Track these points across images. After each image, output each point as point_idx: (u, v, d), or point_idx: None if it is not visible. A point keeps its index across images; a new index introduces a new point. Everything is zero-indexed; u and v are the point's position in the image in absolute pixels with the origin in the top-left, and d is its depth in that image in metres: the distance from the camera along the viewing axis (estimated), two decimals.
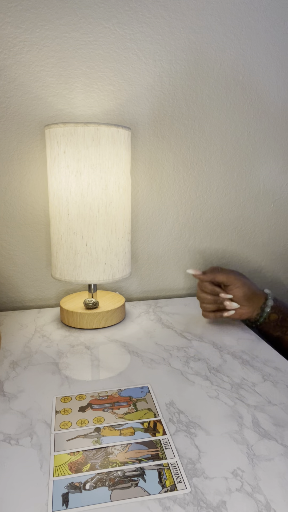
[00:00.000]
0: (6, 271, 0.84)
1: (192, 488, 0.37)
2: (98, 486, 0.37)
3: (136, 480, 0.37)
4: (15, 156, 0.78)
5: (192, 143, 0.87)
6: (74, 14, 0.74)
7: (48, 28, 0.74)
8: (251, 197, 0.93)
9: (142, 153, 0.85)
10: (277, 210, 0.96)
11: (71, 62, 0.77)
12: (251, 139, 0.90)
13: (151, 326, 0.75)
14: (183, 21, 0.79)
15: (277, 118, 0.90)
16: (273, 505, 0.35)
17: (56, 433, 0.44)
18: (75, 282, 0.70)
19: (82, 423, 0.46)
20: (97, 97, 0.79)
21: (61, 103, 0.78)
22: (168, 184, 0.88)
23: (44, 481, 0.38)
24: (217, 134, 0.87)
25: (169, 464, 0.39)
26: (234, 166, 0.90)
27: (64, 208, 0.67)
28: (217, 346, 0.66)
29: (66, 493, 0.36)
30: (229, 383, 0.55)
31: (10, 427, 0.45)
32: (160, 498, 0.36)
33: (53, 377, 0.56)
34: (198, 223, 0.92)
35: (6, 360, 0.61)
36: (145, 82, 0.81)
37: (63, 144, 0.65)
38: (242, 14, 0.82)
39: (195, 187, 0.89)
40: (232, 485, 0.37)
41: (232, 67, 0.84)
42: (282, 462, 0.40)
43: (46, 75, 0.76)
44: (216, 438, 0.43)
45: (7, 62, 0.74)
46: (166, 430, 0.45)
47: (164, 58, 0.80)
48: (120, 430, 0.45)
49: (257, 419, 0.47)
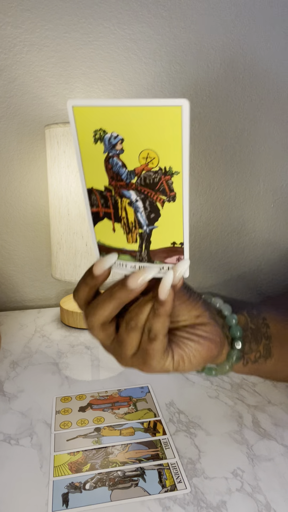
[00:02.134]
0: (6, 271, 0.84)
1: (192, 488, 0.37)
2: (98, 486, 0.37)
3: (136, 480, 0.37)
4: (15, 156, 0.78)
5: (192, 143, 0.86)
6: (74, 14, 0.74)
7: (48, 28, 0.74)
8: (251, 197, 0.93)
9: None
10: (277, 210, 0.96)
11: (71, 62, 0.77)
12: (251, 139, 0.90)
13: None
14: (183, 21, 0.79)
15: (277, 118, 0.90)
16: (273, 505, 0.35)
17: (56, 433, 0.44)
18: (75, 282, 0.70)
19: (82, 423, 0.46)
20: (97, 97, 0.79)
21: (61, 103, 0.78)
22: None
23: (44, 481, 0.38)
24: (217, 134, 0.87)
25: (169, 464, 0.39)
26: (234, 166, 0.90)
27: (64, 208, 0.67)
28: None
29: (66, 493, 0.36)
30: (229, 383, 0.55)
31: (10, 427, 0.45)
32: (160, 498, 0.36)
33: (53, 377, 0.56)
34: (198, 223, 0.92)
35: (6, 360, 0.61)
36: (145, 82, 0.81)
37: (63, 144, 0.65)
38: (242, 14, 0.82)
39: (195, 187, 0.89)
40: (232, 485, 0.37)
41: (232, 67, 0.84)
42: (282, 462, 0.40)
43: (46, 75, 0.76)
44: (216, 438, 0.43)
45: (7, 62, 0.74)
46: (166, 430, 0.45)
47: (164, 58, 0.80)
48: (120, 430, 0.45)
49: (257, 419, 0.47)
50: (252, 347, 0.39)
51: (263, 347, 0.39)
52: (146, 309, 0.30)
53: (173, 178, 0.25)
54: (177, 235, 0.27)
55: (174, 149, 0.24)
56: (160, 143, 0.24)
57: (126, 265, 0.30)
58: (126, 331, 0.31)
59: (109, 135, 0.26)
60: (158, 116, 0.23)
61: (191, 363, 0.33)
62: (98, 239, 0.31)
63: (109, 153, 0.26)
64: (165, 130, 0.24)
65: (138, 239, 0.29)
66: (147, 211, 0.27)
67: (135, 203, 0.27)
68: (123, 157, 0.26)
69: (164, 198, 0.26)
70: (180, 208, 0.26)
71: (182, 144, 0.24)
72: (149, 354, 0.31)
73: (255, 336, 0.39)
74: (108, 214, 0.29)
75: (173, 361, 0.32)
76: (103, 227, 0.30)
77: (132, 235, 0.29)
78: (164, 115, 0.23)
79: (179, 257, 0.28)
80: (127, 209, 0.28)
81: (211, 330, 0.34)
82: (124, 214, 0.28)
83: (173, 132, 0.23)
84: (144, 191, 0.27)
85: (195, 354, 0.33)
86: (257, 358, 0.39)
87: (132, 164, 0.26)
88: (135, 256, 0.29)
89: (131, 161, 0.26)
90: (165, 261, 0.29)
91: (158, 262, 0.29)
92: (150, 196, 0.27)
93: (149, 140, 0.24)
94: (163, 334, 0.30)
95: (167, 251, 0.28)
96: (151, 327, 0.30)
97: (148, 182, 0.26)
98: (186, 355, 0.32)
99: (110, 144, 0.26)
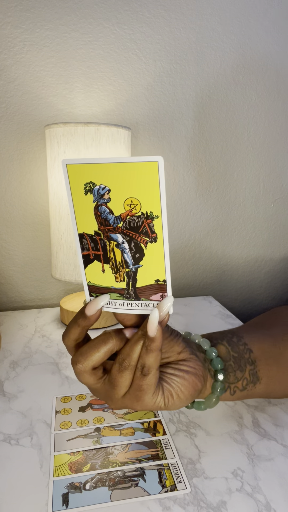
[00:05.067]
0: (6, 271, 0.84)
1: (192, 488, 0.37)
2: (98, 486, 0.37)
3: (136, 480, 0.37)
4: (15, 156, 0.78)
5: (192, 143, 0.87)
6: (74, 14, 0.74)
7: (48, 28, 0.74)
8: (251, 197, 0.93)
9: (142, 153, 0.84)
10: (277, 210, 0.96)
11: (71, 62, 0.77)
12: (251, 139, 0.90)
13: None
14: (183, 21, 0.79)
15: (277, 118, 0.90)
16: (273, 505, 0.35)
17: (56, 433, 0.44)
18: (75, 282, 0.70)
19: (82, 423, 0.46)
20: (97, 97, 0.79)
21: (61, 103, 0.78)
22: (168, 184, 0.88)
23: (44, 481, 0.38)
24: (217, 134, 0.87)
25: (169, 464, 0.39)
26: (235, 166, 0.90)
27: (64, 208, 0.67)
28: None
29: (66, 493, 0.36)
30: None
31: (10, 427, 0.45)
32: (160, 498, 0.36)
33: (53, 377, 0.56)
34: (198, 223, 0.92)
35: (6, 360, 0.61)
36: (145, 82, 0.81)
37: (63, 144, 0.65)
38: (242, 14, 0.82)
39: (195, 187, 0.89)
40: (232, 485, 0.37)
41: (232, 67, 0.84)
42: (282, 462, 0.40)
43: (46, 75, 0.76)
44: (216, 438, 0.43)
45: (7, 62, 0.74)
46: (166, 430, 0.45)
47: (164, 58, 0.80)
48: (120, 430, 0.45)
49: (257, 419, 0.47)
50: (237, 376, 0.40)
51: (248, 373, 0.40)
52: (137, 347, 0.32)
53: (154, 221, 0.29)
54: (160, 273, 0.30)
55: (153, 196, 0.28)
56: (141, 192, 0.28)
57: (115, 303, 0.33)
58: (119, 371, 0.32)
59: (97, 187, 0.29)
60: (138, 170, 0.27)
61: (180, 399, 0.34)
62: (89, 280, 0.33)
63: (98, 202, 0.30)
64: (145, 181, 0.28)
65: (125, 277, 0.32)
66: (133, 252, 0.31)
67: (122, 244, 0.31)
68: (110, 205, 0.30)
69: (147, 239, 0.30)
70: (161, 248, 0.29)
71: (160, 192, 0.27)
72: (143, 389, 0.32)
73: (238, 364, 0.40)
74: (98, 256, 0.32)
75: (163, 397, 0.34)
76: (93, 268, 0.33)
77: (120, 274, 0.32)
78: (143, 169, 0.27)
79: (163, 294, 0.31)
80: (115, 250, 0.31)
81: (193, 365, 0.36)
82: (112, 255, 0.32)
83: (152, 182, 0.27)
84: (129, 233, 0.30)
85: (182, 389, 0.34)
86: (245, 385, 0.40)
87: (118, 211, 0.30)
88: (123, 294, 0.32)
89: (117, 208, 0.30)
90: (150, 299, 0.32)
91: (144, 299, 0.32)
92: (134, 238, 0.30)
93: (132, 189, 0.28)
94: (156, 368, 0.32)
95: (152, 288, 0.31)
96: (144, 363, 0.31)
97: (133, 225, 0.30)
98: (174, 391, 0.34)
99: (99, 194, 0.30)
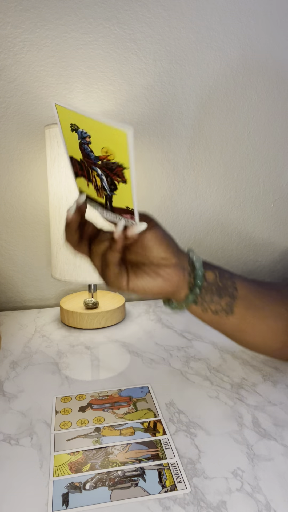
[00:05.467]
0: (6, 271, 0.84)
1: (192, 488, 0.37)
2: (98, 486, 0.37)
3: (136, 480, 0.37)
4: (15, 156, 0.78)
5: (192, 143, 0.87)
6: (74, 14, 0.74)
7: (48, 28, 0.74)
8: (251, 197, 0.93)
9: (142, 153, 0.84)
10: (277, 210, 0.96)
11: (71, 62, 0.77)
12: (251, 139, 0.90)
13: (151, 326, 0.75)
14: (183, 21, 0.79)
15: (277, 118, 0.90)
16: (273, 505, 0.35)
17: (56, 433, 0.44)
18: (75, 282, 0.70)
19: (82, 423, 0.46)
20: (97, 97, 0.79)
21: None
22: (168, 184, 0.88)
23: (44, 481, 0.38)
24: (217, 134, 0.87)
25: (169, 464, 0.39)
26: (234, 166, 0.90)
27: (64, 208, 0.67)
28: (217, 346, 0.66)
29: (66, 493, 0.36)
30: (229, 383, 0.55)
31: (10, 427, 0.45)
32: (160, 498, 0.36)
33: (53, 377, 0.56)
34: (198, 223, 0.92)
35: (6, 360, 0.61)
36: (145, 82, 0.81)
37: (63, 144, 0.65)
38: (242, 14, 0.82)
39: (195, 187, 0.89)
40: (232, 485, 0.37)
41: (232, 67, 0.84)
42: (282, 462, 0.40)
43: (46, 75, 0.76)
44: (216, 438, 0.43)
45: (7, 62, 0.74)
46: (166, 430, 0.45)
47: (164, 58, 0.80)
48: (120, 430, 0.45)
49: (257, 419, 0.47)
50: (213, 299, 0.45)
51: (225, 302, 0.45)
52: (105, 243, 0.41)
53: (124, 171, 0.34)
54: (129, 203, 0.37)
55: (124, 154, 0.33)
56: (115, 147, 0.33)
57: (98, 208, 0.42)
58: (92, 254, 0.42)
59: (81, 130, 0.35)
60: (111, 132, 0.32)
61: (145, 292, 0.42)
62: (79, 187, 0.42)
63: (82, 141, 0.36)
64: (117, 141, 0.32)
65: (104, 197, 0.39)
66: (109, 183, 0.37)
67: (101, 175, 0.37)
68: (91, 146, 0.35)
69: (119, 179, 0.35)
70: (130, 188, 0.35)
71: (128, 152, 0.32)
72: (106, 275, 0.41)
73: (219, 292, 0.45)
74: (84, 175, 0.40)
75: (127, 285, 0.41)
76: (81, 182, 0.41)
77: (100, 193, 0.39)
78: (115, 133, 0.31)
79: (131, 216, 0.38)
80: (96, 177, 0.38)
81: (170, 272, 0.42)
82: (93, 179, 0.39)
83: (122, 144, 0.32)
84: (106, 171, 0.36)
85: (149, 286, 0.42)
86: (218, 310, 0.45)
87: (97, 152, 0.35)
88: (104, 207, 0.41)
89: (96, 150, 0.35)
90: (122, 215, 0.39)
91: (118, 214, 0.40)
92: (109, 175, 0.36)
93: (107, 142, 0.33)
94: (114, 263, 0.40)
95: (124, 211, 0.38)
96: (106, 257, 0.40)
97: (108, 167, 0.35)
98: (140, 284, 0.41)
99: (82, 135, 0.35)
